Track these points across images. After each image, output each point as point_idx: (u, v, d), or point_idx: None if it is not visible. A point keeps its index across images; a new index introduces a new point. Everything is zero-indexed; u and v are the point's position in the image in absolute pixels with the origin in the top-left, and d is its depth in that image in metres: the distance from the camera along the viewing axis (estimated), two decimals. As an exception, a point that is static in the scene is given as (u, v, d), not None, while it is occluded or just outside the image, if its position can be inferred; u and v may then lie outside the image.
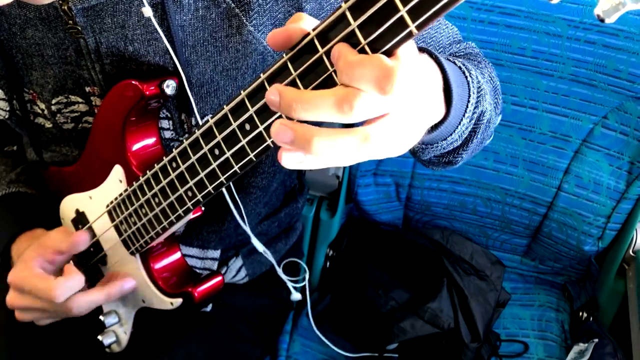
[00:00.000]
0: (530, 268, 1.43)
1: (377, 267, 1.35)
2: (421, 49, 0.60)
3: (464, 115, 0.64)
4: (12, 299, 0.84)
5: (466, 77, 0.66)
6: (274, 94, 0.48)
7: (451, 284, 1.26)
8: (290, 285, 0.99)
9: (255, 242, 0.94)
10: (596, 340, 1.18)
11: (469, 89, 0.65)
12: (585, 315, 1.30)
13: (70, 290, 0.80)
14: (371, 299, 1.29)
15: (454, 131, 0.65)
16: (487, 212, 1.36)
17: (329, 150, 0.46)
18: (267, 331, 1.18)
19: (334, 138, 0.46)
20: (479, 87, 0.68)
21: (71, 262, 0.86)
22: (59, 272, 0.85)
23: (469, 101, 0.65)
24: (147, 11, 0.71)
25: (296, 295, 1.01)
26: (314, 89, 0.49)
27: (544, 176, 1.26)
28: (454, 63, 0.66)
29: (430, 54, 0.60)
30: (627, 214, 1.21)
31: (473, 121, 0.68)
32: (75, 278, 0.81)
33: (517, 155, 1.27)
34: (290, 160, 0.48)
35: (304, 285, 1.10)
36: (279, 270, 0.97)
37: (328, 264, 1.44)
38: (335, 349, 1.26)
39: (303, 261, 1.34)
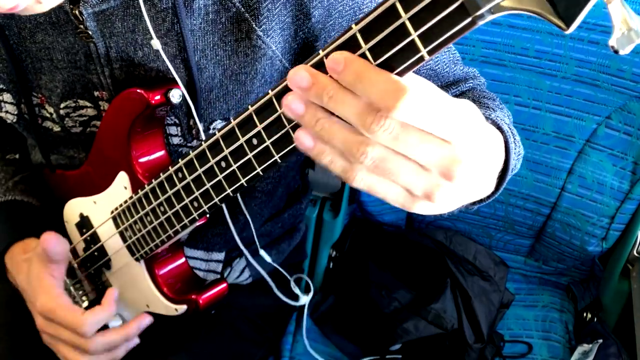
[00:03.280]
0: (533, 268, 1.42)
1: (380, 268, 1.34)
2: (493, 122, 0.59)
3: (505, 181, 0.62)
4: (42, 325, 0.85)
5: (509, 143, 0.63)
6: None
7: (454, 285, 1.26)
8: (286, 300, 0.99)
9: (263, 254, 0.96)
10: (600, 340, 1.18)
11: (511, 154, 0.63)
12: (589, 315, 1.30)
13: (98, 325, 0.81)
14: (374, 299, 1.29)
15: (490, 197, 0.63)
16: (490, 213, 1.36)
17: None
18: (271, 332, 1.18)
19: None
20: (519, 151, 0.66)
21: (114, 288, 0.86)
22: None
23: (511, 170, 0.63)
24: (156, 44, 0.72)
25: (303, 299, 1.01)
26: None
27: (548, 176, 1.26)
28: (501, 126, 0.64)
29: (501, 130, 0.60)
30: (631, 214, 1.21)
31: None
32: (102, 312, 0.82)
33: (520, 155, 1.27)
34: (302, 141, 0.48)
35: (307, 296, 1.10)
36: (283, 269, 0.97)
37: (331, 264, 1.44)
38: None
39: (306, 262, 1.34)
